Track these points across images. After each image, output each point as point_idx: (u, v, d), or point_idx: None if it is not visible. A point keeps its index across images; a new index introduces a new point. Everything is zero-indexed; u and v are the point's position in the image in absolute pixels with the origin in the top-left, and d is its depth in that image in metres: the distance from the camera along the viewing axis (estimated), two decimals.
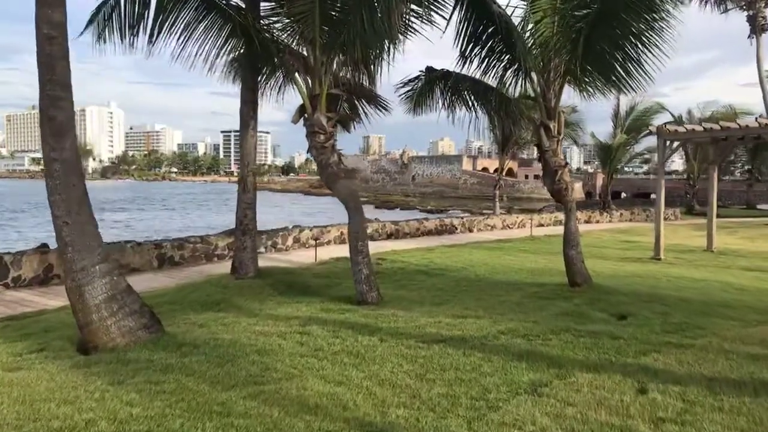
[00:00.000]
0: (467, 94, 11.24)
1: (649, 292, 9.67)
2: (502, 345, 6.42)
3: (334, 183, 9.01)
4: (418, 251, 15.74)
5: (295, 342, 6.54)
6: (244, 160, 9.93)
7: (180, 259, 13.34)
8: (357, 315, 7.91)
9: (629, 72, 9.17)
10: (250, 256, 10.02)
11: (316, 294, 9.43)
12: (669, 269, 12.84)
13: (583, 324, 7.40)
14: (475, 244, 17.77)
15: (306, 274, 10.82)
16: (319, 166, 9.21)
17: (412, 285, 10.53)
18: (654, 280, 11.27)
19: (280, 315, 7.92)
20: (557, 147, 10.02)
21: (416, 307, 8.55)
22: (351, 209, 8.89)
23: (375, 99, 11.14)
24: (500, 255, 15.19)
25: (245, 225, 9.98)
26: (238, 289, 9.35)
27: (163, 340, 6.60)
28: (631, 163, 42.49)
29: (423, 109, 11.83)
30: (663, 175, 14.62)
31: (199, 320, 7.64)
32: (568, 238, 10.06)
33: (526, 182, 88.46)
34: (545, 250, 16.43)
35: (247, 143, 9.87)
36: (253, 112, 9.87)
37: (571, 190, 10.02)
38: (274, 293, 9.34)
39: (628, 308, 8.40)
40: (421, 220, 20.51)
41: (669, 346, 6.36)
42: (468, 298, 9.25)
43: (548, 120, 9.94)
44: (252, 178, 9.96)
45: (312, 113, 9.23)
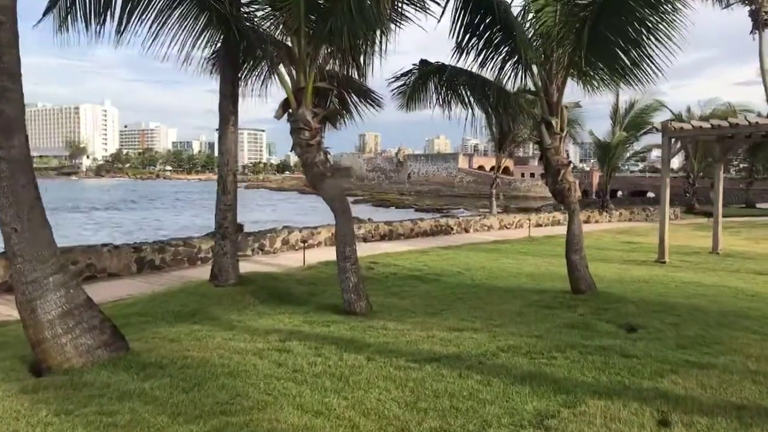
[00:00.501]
0: (463, 88, 10.60)
1: (658, 300, 9.05)
2: (503, 365, 5.76)
3: (320, 183, 8.35)
4: (412, 254, 15.10)
5: (272, 362, 5.87)
6: (224, 159, 9.24)
7: (161, 262, 12.66)
8: (343, 328, 7.25)
9: (637, 63, 8.54)
10: (230, 262, 9.35)
11: (301, 303, 8.77)
12: (676, 273, 12.22)
13: (590, 338, 6.76)
14: (471, 246, 17.13)
15: (290, 281, 10.15)
16: (304, 165, 8.55)
17: (405, 292, 9.89)
18: (661, 285, 10.64)
19: (259, 328, 7.26)
20: (560, 145, 9.37)
21: (408, 317, 7.91)
22: (338, 211, 8.23)
23: (366, 93, 10.50)
24: (498, 258, 14.55)
25: (225, 228, 9.31)
26: (217, 297, 8.68)
27: (125, 359, 5.93)
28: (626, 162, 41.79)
29: (417, 105, 11.22)
30: (668, 174, 14.00)
31: (171, 334, 6.97)
32: (572, 242, 9.43)
33: (522, 180, 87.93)
34: (544, 253, 15.81)
35: (227, 140, 9.18)
36: (233, 106, 9.18)
37: (575, 191, 9.38)
38: (255, 302, 8.67)
39: (638, 319, 7.77)
40: (415, 221, 19.87)
41: (688, 365, 5.71)
42: (464, 308, 8.61)
43: (550, 116, 9.29)
44: (232, 178, 9.28)
45: (296, 108, 8.56)
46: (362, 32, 7.77)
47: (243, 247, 14.42)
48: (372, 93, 10.53)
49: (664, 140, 13.63)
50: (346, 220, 8.20)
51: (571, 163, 9.57)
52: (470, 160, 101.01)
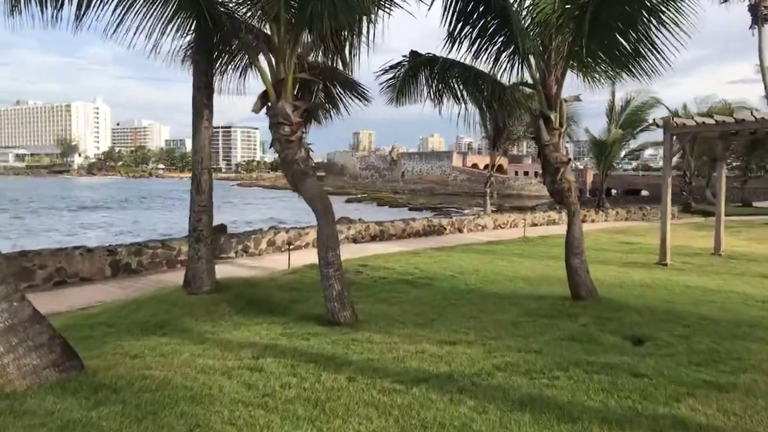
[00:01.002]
0: (456, 81, 9.99)
1: (664, 308, 8.46)
2: (499, 386, 5.15)
3: (301, 182, 7.71)
4: (404, 255, 14.48)
5: (241, 383, 5.24)
6: (198, 156, 8.58)
7: (138, 266, 11.99)
8: (324, 341, 6.62)
9: (641, 53, 7.93)
10: (205, 267, 8.69)
11: (281, 312, 8.13)
12: (679, 277, 11.64)
13: (594, 353, 6.15)
14: (464, 247, 16.52)
15: (272, 287, 9.50)
16: (284, 162, 7.91)
17: (394, 298, 9.27)
18: (665, 291, 10.06)
19: (233, 341, 6.62)
20: (558, 141, 8.77)
21: (397, 328, 7.29)
22: (319, 213, 7.60)
23: (353, 87, 9.87)
24: (492, 260, 13.95)
25: (199, 231, 8.65)
26: (189, 307, 8.02)
27: (77, 380, 5.28)
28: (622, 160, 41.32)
29: (407, 99, 10.62)
30: (669, 172, 13.43)
31: (134, 349, 6.32)
32: (571, 245, 8.83)
33: (516, 179, 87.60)
34: (540, 254, 15.23)
35: (200, 136, 8.52)
36: (207, 99, 8.52)
37: (575, 191, 8.78)
38: (231, 311, 8.03)
39: (644, 329, 7.18)
40: (407, 221, 19.25)
41: (705, 387, 5.11)
42: (457, 316, 8.00)
43: (548, 110, 8.69)
44: (207, 176, 8.62)
45: (276, 101, 7.93)
46: (345, 18, 7.13)
47: (226, 249, 13.78)
48: (359, 86, 9.91)
49: (666, 137, 13.05)
50: (328, 222, 7.57)
51: (571, 160, 8.97)
52: (464, 158, 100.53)
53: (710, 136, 14.81)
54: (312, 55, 8.78)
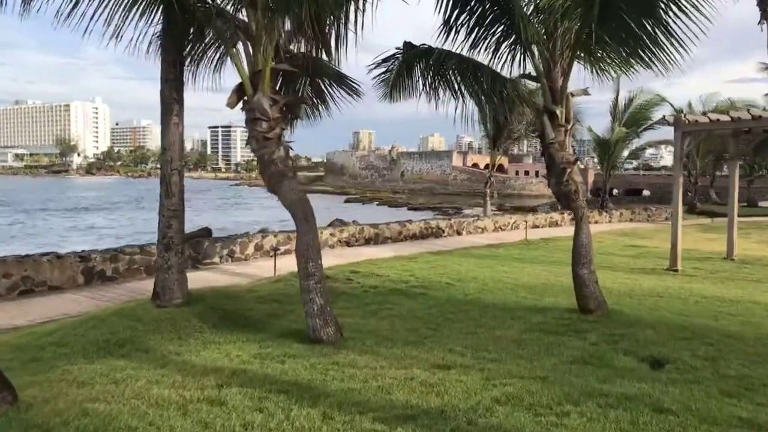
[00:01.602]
0: (452, 74, 9.21)
1: (681, 322, 7.68)
2: (500, 426, 4.37)
3: (279, 184, 6.93)
4: (399, 260, 13.70)
5: (197, 421, 4.46)
6: (167, 155, 7.79)
7: (113, 273, 11.22)
8: (302, 365, 5.84)
9: (659, 43, 7.15)
10: (176, 278, 7.90)
11: (259, 328, 7.35)
12: (692, 285, 10.86)
13: (608, 380, 5.38)
14: (463, 251, 15.74)
15: (250, 298, 8.71)
16: (261, 163, 7.14)
17: (385, 311, 8.48)
18: (680, 301, 9.28)
19: (198, 365, 5.84)
20: (565, 138, 7.99)
21: (385, 347, 6.51)
22: (299, 219, 6.82)
23: (341, 80, 9.08)
24: (492, 265, 13.17)
25: (169, 239, 7.86)
26: (156, 322, 7.23)
27: (6, 417, 4.52)
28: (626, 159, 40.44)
29: (401, 95, 9.89)
30: (680, 173, 12.66)
31: (84, 374, 5.55)
32: (579, 254, 8.05)
33: (517, 179, 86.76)
34: (543, 259, 14.45)
35: (169, 133, 7.72)
36: (177, 93, 7.73)
37: (583, 193, 8.00)
38: (202, 327, 7.24)
39: (661, 349, 6.41)
40: (404, 223, 18.47)
41: (744, 427, 4.34)
42: (453, 333, 7.22)
43: (553, 105, 7.91)
44: (177, 177, 7.82)
45: (252, 94, 7.16)
46: (327, 2, 6.36)
47: (210, 254, 13.02)
48: (348, 80, 9.11)
49: (677, 135, 12.27)
50: (308, 230, 6.78)
51: (579, 160, 8.19)
52: (464, 157, 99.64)
53: (723, 134, 14.01)
54: (294, 44, 8.01)
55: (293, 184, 6.95)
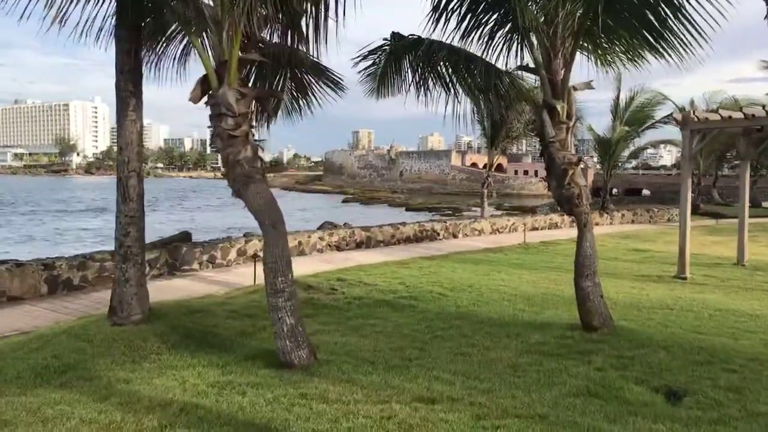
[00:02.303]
0: (443, 66, 8.43)
1: (696, 342, 6.89)
2: None
3: (244, 188, 6.14)
4: (389, 266, 12.92)
5: None
6: (123, 155, 6.97)
7: (81, 281, 10.42)
8: (264, 398, 5.06)
9: (673, 29, 6.36)
10: (134, 292, 7.10)
11: (225, 348, 6.57)
12: (704, 296, 10.08)
13: (619, 419, 4.60)
14: (458, 255, 14.95)
15: (220, 313, 7.91)
16: (225, 164, 6.35)
17: (369, 326, 7.70)
18: (692, 315, 8.49)
19: (145, 396, 5.06)
20: (566, 137, 7.20)
21: (364, 374, 5.74)
22: (266, 228, 6.03)
23: (322, 73, 8.30)
24: (489, 271, 12.38)
25: (127, 248, 7.06)
26: (108, 343, 6.45)
27: None
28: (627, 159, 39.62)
29: (389, 90, 9.13)
30: (689, 173, 11.87)
31: (9, 411, 4.78)
32: (582, 264, 7.26)
33: (515, 178, 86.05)
34: (542, 265, 13.67)
35: (126, 130, 6.91)
36: (133, 85, 6.93)
37: (587, 197, 7.22)
38: (161, 348, 6.46)
39: (678, 376, 5.64)
40: (397, 225, 17.66)
41: None
42: (442, 354, 6.44)
43: (554, 99, 7.12)
44: (135, 180, 7.02)
45: (217, 87, 6.37)
46: None
47: (189, 260, 12.22)
48: (329, 72, 8.32)
49: (685, 133, 11.49)
50: (277, 240, 5.99)
51: (582, 160, 7.41)
52: (463, 157, 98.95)
53: (733, 132, 13.20)
54: (266, 32, 7.24)
55: (260, 187, 6.16)
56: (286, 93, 8.75)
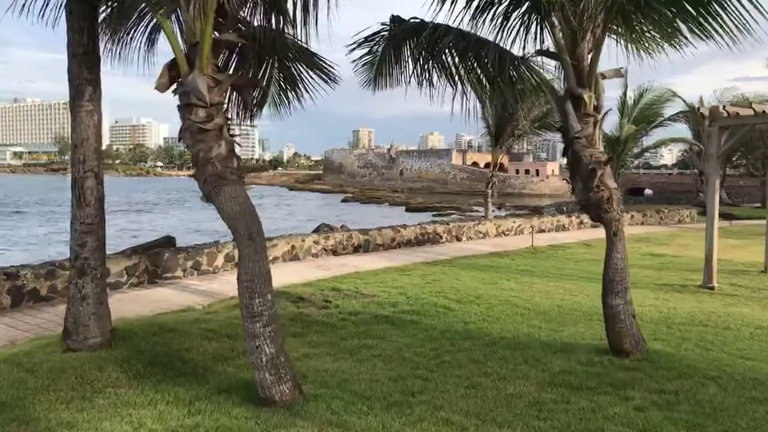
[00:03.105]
0: (449, 54, 7.46)
1: (749, 372, 5.89)
2: None
3: (216, 191, 5.17)
4: (389, 273, 11.95)
5: None
6: (78, 153, 5.96)
7: (49, 292, 9.45)
8: None
9: (724, 5, 5.39)
10: (93, 311, 6.12)
11: (197, 377, 5.61)
12: (738, 309, 9.10)
13: None
14: (463, 261, 13.97)
15: (195, 332, 6.93)
16: (195, 162, 5.39)
17: (366, 347, 6.74)
18: (731, 334, 7.50)
19: None
20: (594, 132, 6.24)
21: (358, 414, 4.78)
22: (242, 240, 5.07)
23: (310, 60, 7.32)
24: (497, 279, 11.41)
25: (83, 260, 6.08)
26: (55, 374, 5.48)
27: None
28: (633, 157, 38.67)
29: (387, 81, 8.24)
30: (717, 173, 10.88)
31: None
32: (612, 279, 6.29)
33: (516, 177, 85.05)
34: (553, 271, 12.70)
35: (81, 124, 5.91)
36: (89, 71, 5.94)
37: (617, 201, 6.24)
38: (119, 380, 5.49)
39: (738, 419, 4.67)
40: (397, 228, 16.68)
41: None
42: (450, 386, 5.49)
43: (580, 88, 6.15)
44: (93, 181, 6.03)
45: (187, 73, 5.41)
46: None
47: (171, 267, 11.26)
48: (319, 59, 7.34)
49: (712, 130, 10.51)
50: (255, 253, 5.02)
51: (612, 159, 6.45)
52: (464, 156, 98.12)
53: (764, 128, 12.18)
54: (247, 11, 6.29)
55: (236, 190, 5.19)
56: (274, 84, 7.82)
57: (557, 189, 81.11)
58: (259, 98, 7.75)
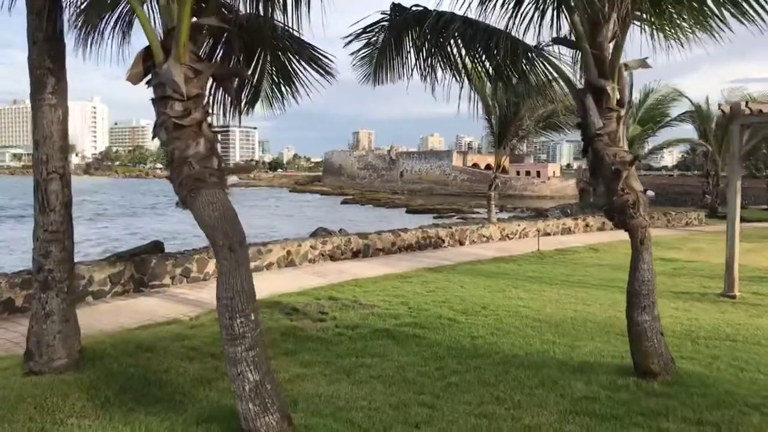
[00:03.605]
0: (454, 44, 6.84)
1: None
2: None
3: (194, 194, 4.54)
4: (390, 281, 11.32)
5: None
6: (40, 152, 5.27)
7: (26, 302, 8.81)
8: None
9: None
10: (58, 330, 5.47)
11: (174, 404, 4.97)
12: (764, 320, 8.47)
13: None
14: (467, 267, 13.34)
15: (175, 350, 6.27)
16: (170, 162, 4.77)
17: (364, 366, 6.11)
18: (764, 350, 6.85)
19: None
20: (618, 128, 5.61)
21: None
22: (222, 251, 4.43)
23: (302, 49, 6.69)
24: (504, 287, 10.77)
25: (47, 272, 5.43)
26: (12, 402, 4.82)
27: None
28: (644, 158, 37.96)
29: (387, 75, 7.69)
30: (739, 174, 10.24)
31: None
32: (638, 293, 5.65)
33: (517, 179, 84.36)
34: (563, 278, 12.06)
35: (43, 119, 5.27)
36: (52, 60, 5.30)
37: (644, 206, 5.61)
38: (86, 408, 4.85)
39: None
40: (398, 232, 16.03)
41: None
42: (458, 414, 4.85)
43: (602, 80, 5.52)
44: (58, 184, 5.38)
45: (163, 62, 4.79)
46: None
47: (159, 274, 10.63)
48: (314, 51, 6.70)
49: (734, 128, 9.89)
50: (236, 267, 4.39)
51: (638, 159, 5.83)
52: (464, 157, 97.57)
53: None
54: None
55: (215, 195, 4.55)
56: (267, 78, 7.21)
57: (558, 191, 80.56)
58: (251, 95, 7.17)
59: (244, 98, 7.12)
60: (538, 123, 20.57)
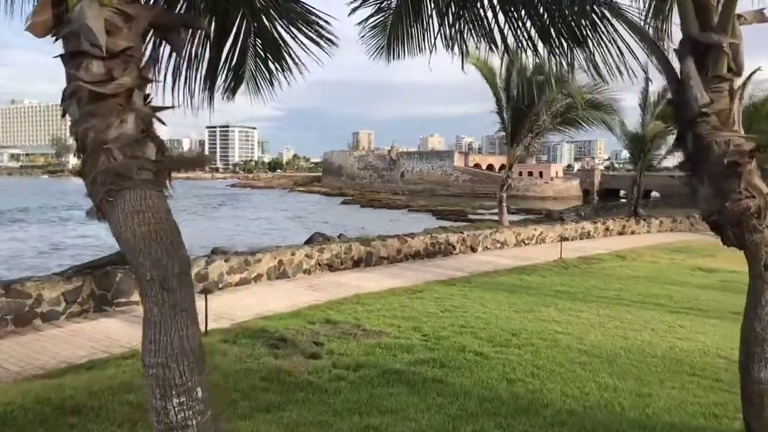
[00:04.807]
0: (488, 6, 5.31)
1: None
2: None
3: (112, 198, 2.92)
4: (397, 296, 9.72)
5: None
6: None
7: None
8: None
9: None
10: None
11: None
12: None
13: None
14: (484, 278, 11.72)
15: (112, 411, 4.61)
16: (81, 149, 3.15)
17: (371, 431, 4.48)
18: None
19: None
20: (732, 105, 3.99)
21: None
22: (149, 289, 2.80)
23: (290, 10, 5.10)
24: (532, 305, 9.16)
25: None
26: None
27: None
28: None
29: (404, 46, 6.30)
30: None
31: None
32: (758, 339, 4.01)
33: (521, 179, 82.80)
34: (597, 293, 10.47)
35: None
36: None
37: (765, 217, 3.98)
38: None
39: None
40: (404, 238, 14.39)
41: None
42: None
43: (711, 34, 3.90)
44: None
45: (75, 3, 3.16)
46: None
47: (126, 290, 9.04)
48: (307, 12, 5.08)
49: None
50: (170, 313, 2.77)
51: (761, 150, 4.23)
52: (466, 158, 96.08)
53: None
54: None
55: (146, 200, 2.93)
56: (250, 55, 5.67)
57: (561, 192, 79.11)
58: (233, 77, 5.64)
59: (221, 76, 5.60)
60: (555, 118, 19.00)
